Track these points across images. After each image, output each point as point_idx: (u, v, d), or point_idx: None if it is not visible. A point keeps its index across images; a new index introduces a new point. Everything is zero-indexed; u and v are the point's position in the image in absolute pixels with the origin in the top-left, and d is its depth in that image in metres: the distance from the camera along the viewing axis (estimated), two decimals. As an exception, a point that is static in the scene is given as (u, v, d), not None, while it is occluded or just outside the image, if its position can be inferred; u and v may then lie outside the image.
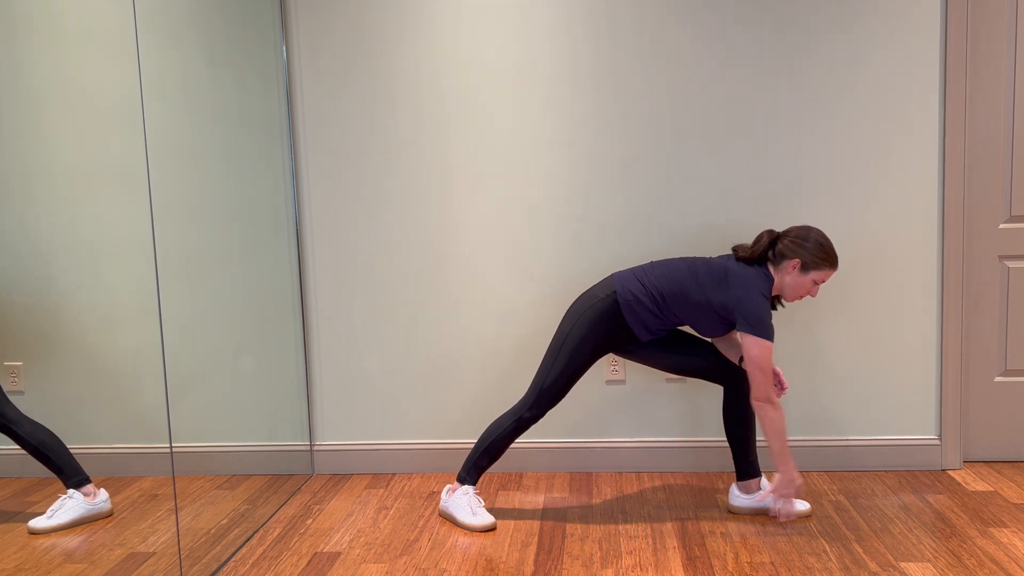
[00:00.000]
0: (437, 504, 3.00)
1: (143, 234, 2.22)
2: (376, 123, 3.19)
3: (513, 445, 3.27)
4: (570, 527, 2.76)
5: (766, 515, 2.80)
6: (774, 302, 2.73)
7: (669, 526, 2.74)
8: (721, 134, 3.10)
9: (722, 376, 2.78)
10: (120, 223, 2.18)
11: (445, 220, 3.21)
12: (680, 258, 2.74)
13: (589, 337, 2.69)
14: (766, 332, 2.56)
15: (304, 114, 3.20)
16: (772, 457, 2.65)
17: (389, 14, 3.14)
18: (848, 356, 3.17)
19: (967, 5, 2.99)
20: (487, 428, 2.82)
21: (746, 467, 2.80)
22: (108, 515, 2.18)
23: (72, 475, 2.05)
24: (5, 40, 1.88)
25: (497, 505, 2.97)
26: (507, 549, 2.61)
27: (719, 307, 2.62)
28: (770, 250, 2.67)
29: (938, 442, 3.17)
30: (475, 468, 2.81)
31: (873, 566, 2.42)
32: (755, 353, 2.56)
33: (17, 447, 1.93)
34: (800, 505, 2.78)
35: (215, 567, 2.52)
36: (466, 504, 2.79)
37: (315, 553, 2.63)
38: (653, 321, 2.68)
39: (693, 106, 3.10)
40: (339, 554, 2.62)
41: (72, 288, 2.05)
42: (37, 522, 1.99)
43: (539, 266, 3.21)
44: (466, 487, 2.82)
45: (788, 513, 2.71)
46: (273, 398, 3.07)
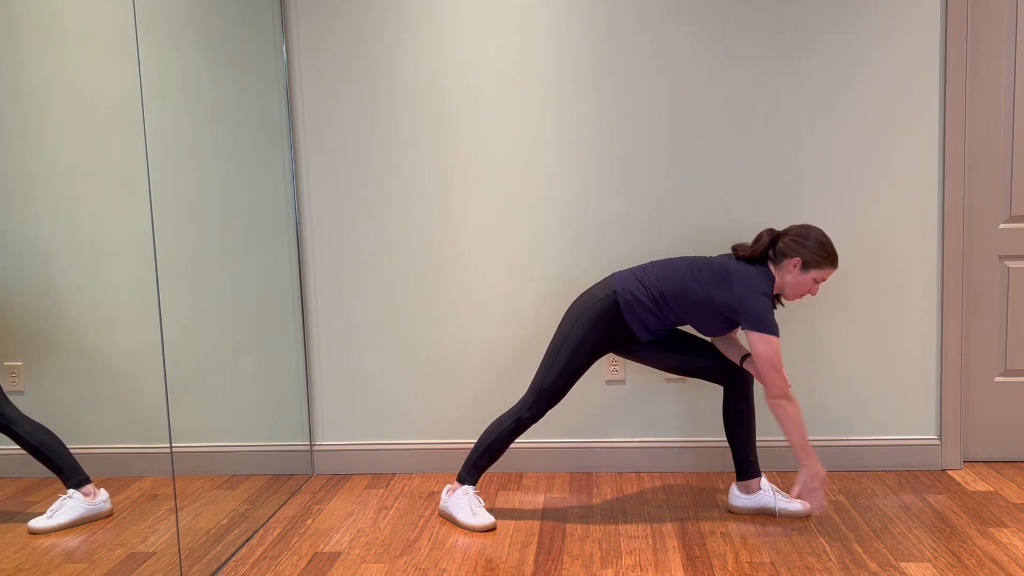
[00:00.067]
0: (437, 504, 3.00)
1: (143, 234, 2.22)
2: (376, 123, 3.19)
3: (513, 445, 3.27)
4: (570, 527, 2.76)
5: (766, 515, 2.80)
6: (774, 301, 2.73)
7: (669, 526, 2.74)
8: (721, 134, 3.10)
9: (722, 376, 2.78)
10: (120, 223, 2.18)
11: (445, 220, 3.21)
12: (680, 257, 2.74)
13: (589, 337, 2.69)
14: (770, 328, 2.56)
15: (304, 114, 3.20)
16: (795, 452, 2.61)
17: (389, 14, 3.14)
18: (848, 356, 3.17)
19: (967, 5, 2.99)
20: (487, 428, 2.82)
21: (746, 467, 2.80)
22: (108, 515, 2.18)
23: (72, 475, 2.05)
24: (5, 40, 1.88)
25: (497, 505, 2.97)
26: (507, 549, 2.61)
27: (721, 306, 2.62)
28: (770, 249, 2.67)
29: (938, 442, 3.17)
30: (475, 468, 2.82)
31: (873, 566, 2.42)
32: (763, 350, 2.56)
33: (17, 447, 1.93)
34: (800, 505, 2.78)
35: (215, 567, 2.52)
36: (466, 504, 2.79)
37: (315, 553, 2.63)
38: (653, 321, 2.68)
39: (693, 106, 3.10)
40: (339, 554, 2.62)
41: (72, 288, 2.05)
42: (37, 522, 1.99)
43: (539, 266, 3.21)
44: (466, 487, 2.82)
45: (820, 505, 2.65)
46: (273, 398, 3.07)
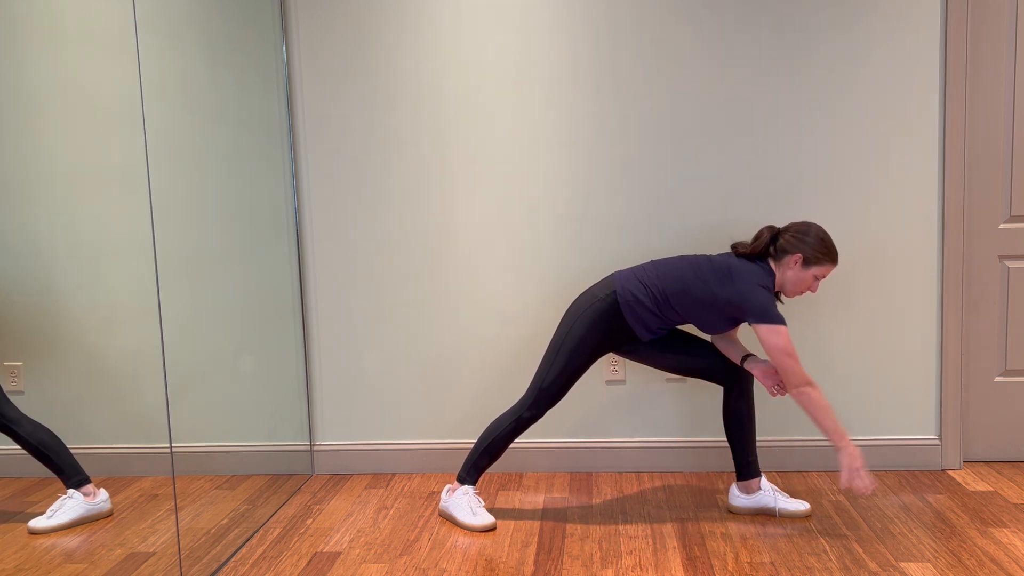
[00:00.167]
0: (437, 504, 3.00)
1: (143, 234, 2.22)
2: (376, 123, 3.19)
3: (513, 445, 3.27)
4: (570, 527, 2.76)
5: (766, 515, 2.80)
6: (775, 297, 2.73)
7: (669, 526, 2.74)
8: (721, 134, 3.10)
9: (722, 376, 2.78)
10: (120, 223, 2.18)
11: (445, 220, 3.21)
12: (681, 256, 2.74)
13: (588, 337, 2.69)
14: (775, 319, 2.55)
15: (304, 114, 3.20)
16: (829, 436, 2.55)
17: (389, 14, 3.14)
18: (848, 356, 3.17)
19: (967, 5, 2.99)
20: (487, 428, 2.82)
21: (746, 467, 2.80)
22: (108, 515, 2.18)
23: (72, 475, 2.05)
24: (5, 40, 1.88)
25: (497, 505, 2.97)
26: (507, 549, 2.61)
27: (724, 302, 2.61)
28: (771, 246, 2.67)
29: (938, 442, 3.17)
30: (475, 468, 2.82)
31: (873, 566, 2.42)
32: (774, 341, 2.55)
33: (17, 447, 1.93)
34: (800, 505, 2.78)
35: (215, 567, 2.52)
36: (466, 504, 2.79)
37: (315, 553, 2.63)
38: (654, 321, 2.68)
39: (693, 106, 3.10)
40: (339, 554, 2.62)
41: (72, 288, 2.05)
42: (37, 522, 1.99)
43: (539, 266, 3.21)
44: (466, 487, 2.82)
45: (869, 484, 2.57)
46: (273, 398, 3.07)
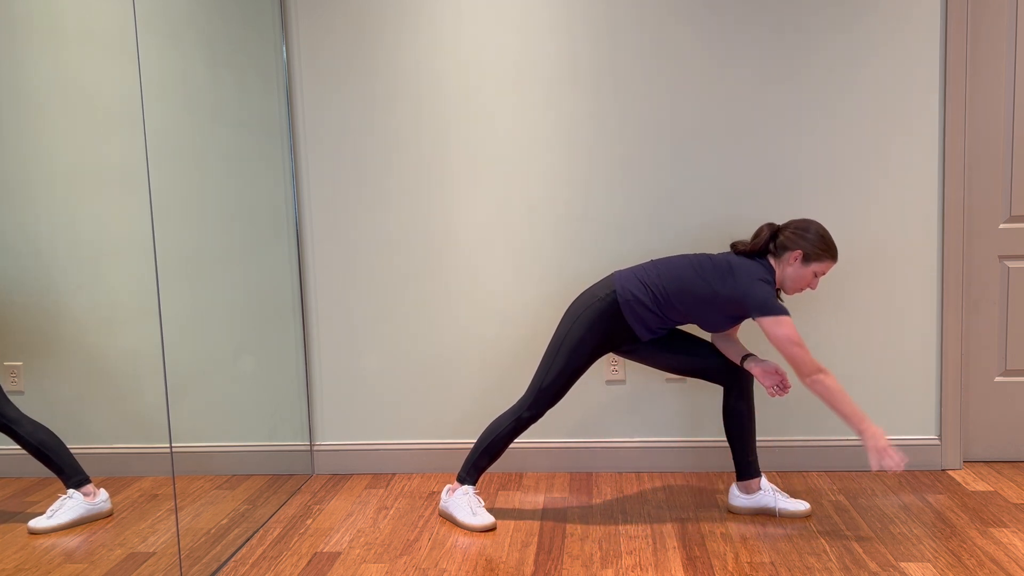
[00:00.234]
0: (437, 504, 3.00)
1: (143, 234, 2.22)
2: (376, 123, 3.19)
3: (513, 445, 3.27)
4: (570, 527, 2.76)
5: (766, 515, 2.80)
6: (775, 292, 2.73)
7: (669, 526, 2.74)
8: (721, 134, 3.10)
9: (722, 376, 2.78)
10: (120, 223, 2.18)
11: (445, 220, 3.21)
12: (681, 255, 2.74)
13: (588, 337, 2.69)
14: (778, 310, 2.55)
15: (304, 114, 3.20)
16: (848, 421, 2.52)
17: (389, 14, 3.14)
18: (848, 356, 3.16)
19: (967, 5, 2.99)
20: (486, 428, 2.82)
21: (746, 467, 2.80)
22: (108, 515, 2.18)
23: (72, 475, 2.05)
24: (5, 40, 1.88)
25: (497, 505, 2.97)
26: (507, 549, 2.61)
27: (725, 299, 2.61)
28: (771, 243, 2.68)
29: (938, 442, 3.17)
30: (475, 468, 2.81)
31: (873, 566, 2.42)
32: (779, 332, 2.54)
33: (17, 447, 1.93)
34: (800, 505, 2.78)
35: (215, 567, 2.52)
36: (466, 504, 2.79)
37: (315, 553, 2.63)
38: (654, 320, 2.68)
39: (693, 106, 3.10)
40: (339, 554, 2.62)
41: (72, 288, 2.05)
42: (37, 522, 1.99)
43: (539, 266, 3.21)
44: (466, 487, 2.82)
45: (899, 461, 2.50)
46: (273, 398, 3.07)
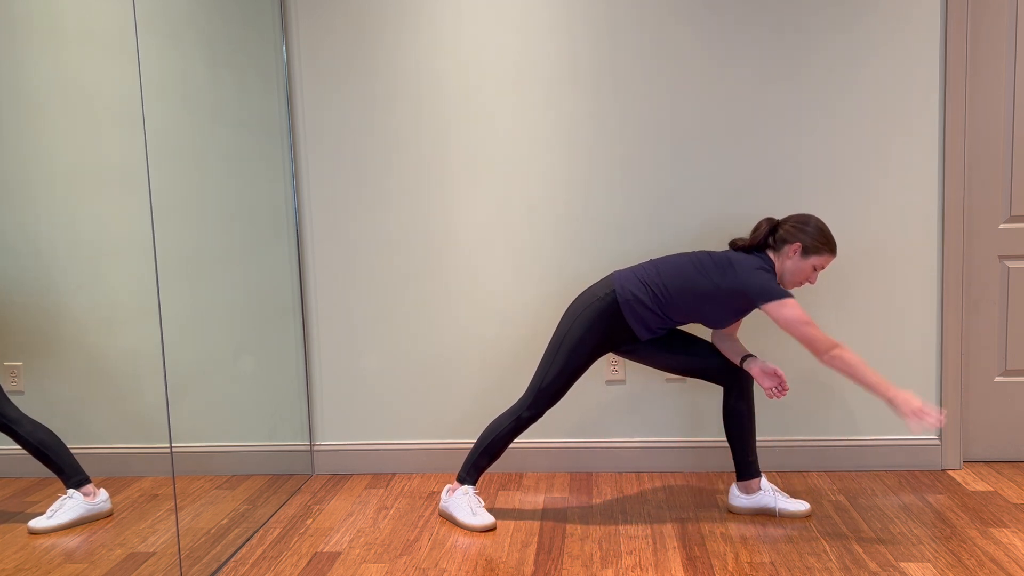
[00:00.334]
0: (437, 504, 3.00)
1: (143, 234, 2.22)
2: (376, 123, 3.19)
3: (513, 445, 3.27)
4: (570, 527, 2.76)
5: (766, 515, 2.80)
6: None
7: (669, 526, 2.74)
8: (721, 134, 3.10)
9: (722, 376, 2.78)
10: (120, 223, 2.18)
11: (445, 220, 3.21)
12: (680, 254, 2.74)
13: (588, 337, 2.69)
14: (780, 294, 2.55)
15: (304, 114, 3.20)
16: (875, 390, 2.47)
17: (389, 14, 3.14)
18: (848, 356, 3.16)
19: (967, 5, 2.99)
20: (486, 428, 2.82)
21: (746, 467, 2.80)
22: (108, 515, 2.18)
23: (72, 475, 2.05)
24: (5, 40, 1.88)
25: (497, 505, 2.97)
26: (507, 549, 2.61)
27: (727, 292, 2.61)
28: (770, 236, 2.69)
29: (938, 442, 3.17)
30: (474, 468, 2.81)
31: (873, 566, 2.42)
32: (786, 314, 2.54)
33: (17, 447, 1.93)
34: (800, 505, 2.78)
35: (215, 567, 2.52)
36: (466, 504, 2.79)
37: (315, 553, 2.63)
38: (654, 320, 2.68)
39: (693, 106, 3.10)
40: (339, 554, 2.62)
41: (72, 288, 2.05)
42: (37, 522, 1.99)
43: (539, 266, 3.21)
44: (466, 487, 2.82)
45: (938, 418, 2.42)
46: (273, 398, 3.07)
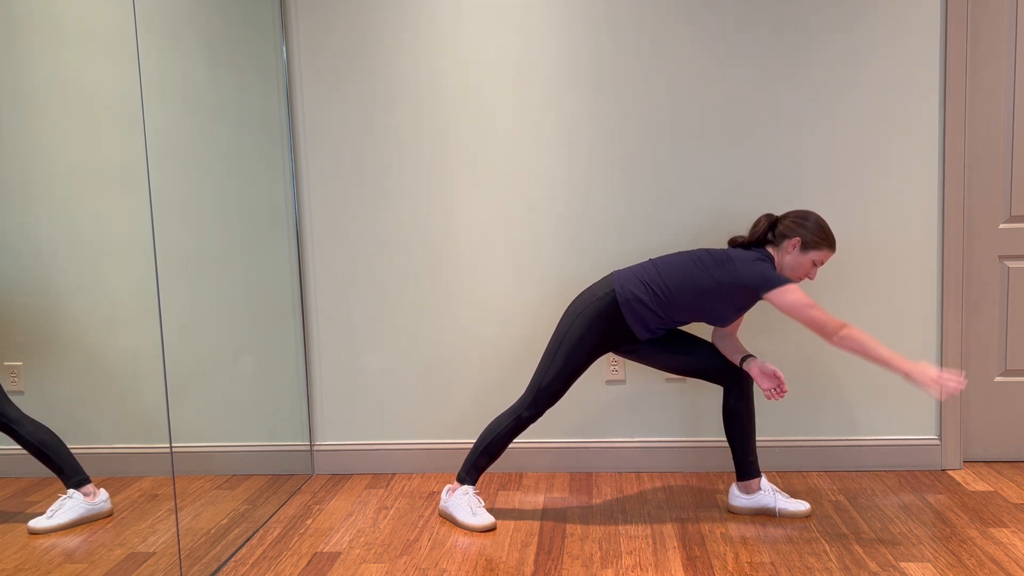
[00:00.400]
0: (437, 504, 3.00)
1: (143, 234, 2.22)
2: (376, 123, 3.19)
3: (513, 445, 3.27)
4: (570, 527, 2.76)
5: (766, 515, 2.80)
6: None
7: (669, 526, 2.74)
8: (721, 134, 3.10)
9: (722, 376, 2.78)
10: (120, 223, 2.18)
11: (445, 220, 3.21)
12: (679, 252, 2.74)
13: (587, 336, 2.69)
14: (780, 281, 2.55)
15: (304, 114, 3.20)
16: (889, 365, 2.44)
17: (389, 14, 3.14)
18: (848, 356, 3.16)
19: (967, 5, 2.99)
20: (486, 428, 2.82)
21: (746, 467, 2.80)
22: (108, 515, 2.18)
23: (72, 475, 2.05)
24: (5, 40, 1.88)
25: (497, 505, 2.97)
26: (507, 549, 2.61)
27: (728, 287, 2.61)
28: (769, 232, 2.69)
29: (938, 442, 3.17)
30: (474, 468, 2.81)
31: (873, 566, 2.42)
32: (790, 299, 2.53)
33: (17, 447, 1.93)
34: (800, 505, 2.78)
35: (215, 567, 2.52)
36: (466, 504, 2.79)
37: (315, 553, 2.63)
38: (653, 320, 2.68)
39: (693, 106, 3.10)
40: (339, 554, 2.62)
41: (72, 288, 2.05)
42: (37, 522, 1.99)
43: (539, 266, 3.21)
44: (466, 487, 2.82)
45: (959, 379, 2.40)
46: (273, 398, 3.07)
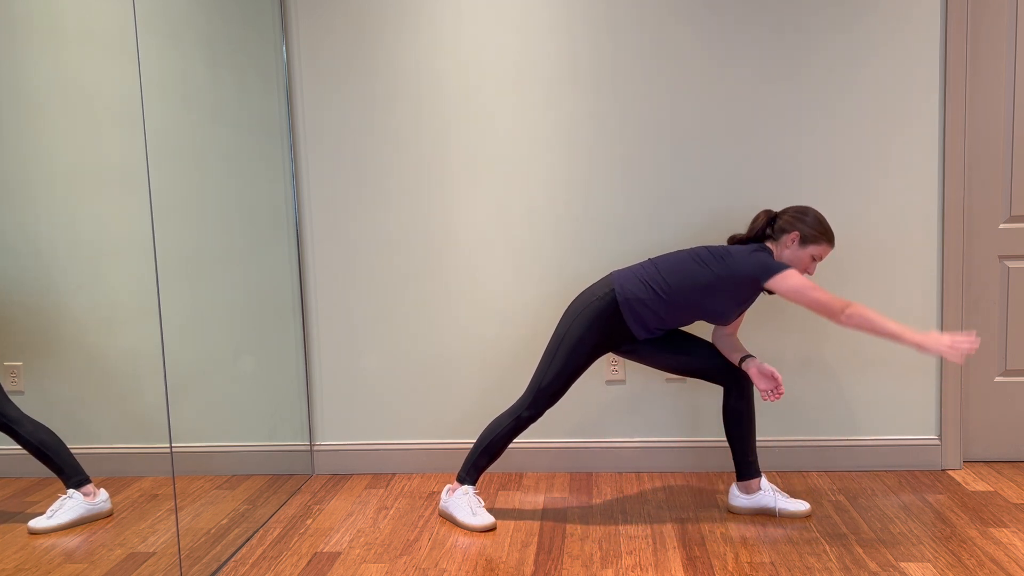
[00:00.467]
0: (437, 504, 3.00)
1: (143, 234, 2.22)
2: (376, 123, 3.19)
3: (513, 445, 3.27)
4: (570, 527, 2.76)
5: (766, 515, 2.80)
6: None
7: (669, 526, 2.74)
8: (721, 134, 3.10)
9: (722, 376, 2.78)
10: (120, 223, 2.18)
11: (445, 220, 3.21)
12: (678, 250, 2.74)
13: (587, 337, 2.69)
14: (778, 267, 2.56)
15: (304, 114, 3.20)
16: (899, 338, 2.42)
17: (389, 14, 3.14)
18: (848, 356, 3.16)
19: (967, 5, 2.99)
20: (486, 428, 2.82)
21: (746, 467, 2.80)
22: (108, 515, 2.18)
23: (72, 475, 2.05)
24: (5, 40, 1.88)
25: (497, 505, 2.97)
26: (507, 549, 2.61)
27: (728, 280, 2.60)
28: (768, 227, 2.71)
29: (938, 442, 3.17)
30: (474, 468, 2.81)
31: (873, 566, 2.42)
32: (791, 283, 2.53)
33: (17, 447, 1.93)
34: (800, 505, 2.78)
35: (215, 567, 2.52)
36: (466, 504, 2.79)
37: (315, 553, 2.63)
38: (653, 319, 2.68)
39: (693, 106, 3.10)
40: (339, 554, 2.62)
41: (72, 288, 2.05)
42: (37, 522, 1.99)
43: (539, 266, 3.21)
44: (466, 487, 2.82)
45: (972, 340, 2.39)
46: (273, 398, 3.07)
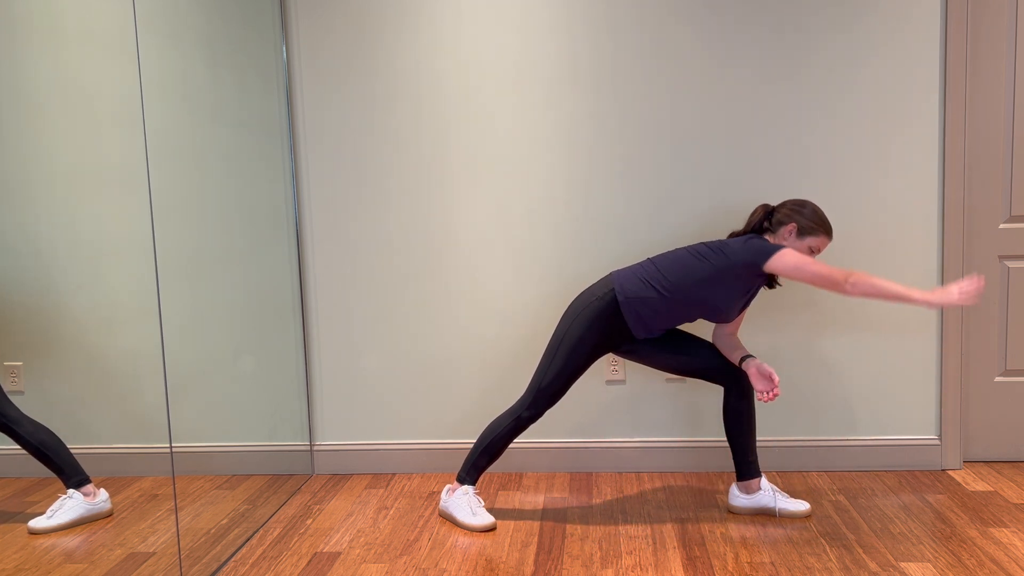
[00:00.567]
0: (437, 504, 3.00)
1: (143, 234, 2.22)
2: (376, 123, 3.19)
3: (513, 445, 3.27)
4: (570, 527, 2.76)
5: (766, 515, 2.80)
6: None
7: (669, 526, 2.74)
8: (721, 134, 3.10)
9: (722, 377, 2.78)
10: (120, 223, 2.18)
11: (445, 220, 3.21)
12: (676, 248, 2.74)
13: (587, 337, 2.69)
14: (775, 247, 2.56)
15: (304, 114, 3.20)
16: (907, 299, 2.41)
17: (389, 14, 3.14)
18: (848, 356, 3.16)
19: (967, 5, 2.99)
20: (486, 428, 2.82)
21: (746, 467, 2.80)
22: (108, 515, 2.18)
23: (72, 475, 2.05)
24: (5, 40, 1.88)
25: (497, 505, 2.97)
26: (507, 549, 2.61)
27: (726, 271, 2.60)
28: (766, 220, 2.72)
29: (938, 442, 3.17)
30: (474, 468, 2.82)
31: (873, 566, 2.42)
32: (790, 261, 2.53)
33: (17, 447, 1.93)
34: (800, 505, 2.78)
35: (215, 567, 2.52)
36: (466, 504, 2.79)
37: (315, 553, 2.63)
38: (654, 318, 2.68)
39: (693, 106, 3.10)
40: (339, 554, 2.62)
41: (72, 288, 2.05)
42: (37, 522, 1.99)
43: (539, 266, 3.21)
44: (466, 487, 2.82)
45: (977, 283, 2.40)
46: (273, 398, 3.07)
